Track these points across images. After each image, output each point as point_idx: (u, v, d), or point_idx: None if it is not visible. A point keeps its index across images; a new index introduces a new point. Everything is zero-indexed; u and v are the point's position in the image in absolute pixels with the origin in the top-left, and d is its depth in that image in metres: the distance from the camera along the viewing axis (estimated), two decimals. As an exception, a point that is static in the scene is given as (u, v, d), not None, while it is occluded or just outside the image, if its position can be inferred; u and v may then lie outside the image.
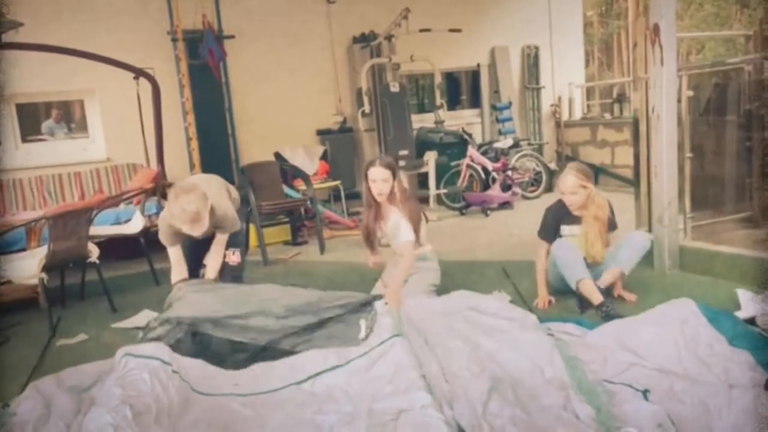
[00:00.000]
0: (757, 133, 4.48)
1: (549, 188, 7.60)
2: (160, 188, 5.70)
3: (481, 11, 8.16)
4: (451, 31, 6.98)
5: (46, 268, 3.79)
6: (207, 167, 6.80)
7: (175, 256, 3.45)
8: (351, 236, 6.03)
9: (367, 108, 6.86)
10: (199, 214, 3.15)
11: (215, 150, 6.84)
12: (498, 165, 7.32)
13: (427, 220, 3.93)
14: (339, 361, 2.81)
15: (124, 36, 6.39)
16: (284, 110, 7.21)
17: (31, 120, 6.62)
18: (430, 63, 7.08)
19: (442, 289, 3.70)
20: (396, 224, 3.65)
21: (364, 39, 7.32)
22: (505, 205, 7.05)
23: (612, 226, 3.59)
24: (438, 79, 7.19)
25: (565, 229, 3.60)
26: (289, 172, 6.52)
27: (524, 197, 7.51)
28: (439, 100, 7.31)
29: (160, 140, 6.05)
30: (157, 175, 5.75)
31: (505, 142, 7.51)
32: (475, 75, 8.52)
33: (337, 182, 6.81)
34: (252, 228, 5.54)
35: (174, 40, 6.43)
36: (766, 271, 3.42)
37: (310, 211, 6.19)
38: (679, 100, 3.88)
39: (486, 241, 5.45)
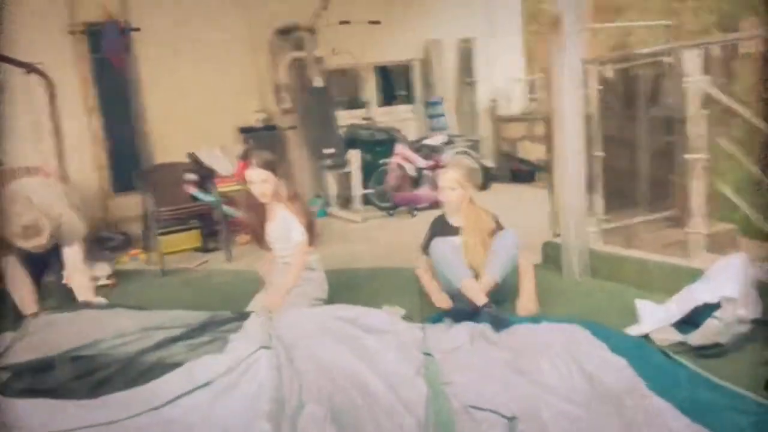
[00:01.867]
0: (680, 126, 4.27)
1: (484, 186, 7.35)
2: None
3: (417, 3, 7.84)
4: (371, 23, 6.66)
5: None
6: (117, 168, 6.39)
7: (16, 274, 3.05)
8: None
9: (287, 104, 6.48)
10: (36, 225, 2.76)
11: (125, 150, 6.39)
12: (430, 163, 7.03)
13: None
14: (204, 379, 2.49)
15: (21, 31, 5.87)
16: (203, 107, 6.75)
17: None
18: (353, 56, 6.74)
19: (339, 300, 3.39)
20: (285, 224, 3.34)
21: (287, 31, 6.94)
22: (436, 204, 6.76)
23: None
24: (364, 74, 6.86)
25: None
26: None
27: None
28: (367, 96, 6.97)
29: (58, 140, 5.63)
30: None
31: (436, 139, 7.22)
32: (409, 70, 8.21)
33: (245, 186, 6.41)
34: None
35: (72, 32, 5.96)
36: (671, 277, 3.18)
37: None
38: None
39: (405, 245, 5.14)
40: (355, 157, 6.51)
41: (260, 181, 3.30)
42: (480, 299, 3.02)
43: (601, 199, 3.74)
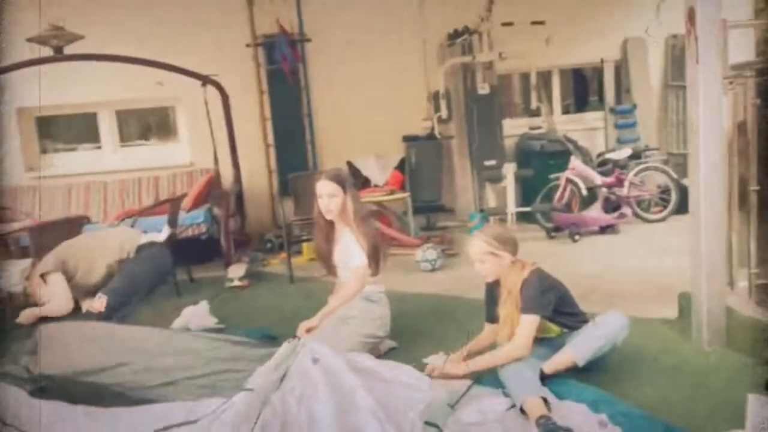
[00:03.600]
0: None
1: (681, 209, 6.17)
2: (213, 195, 5.71)
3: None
4: (534, 23, 5.97)
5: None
6: (284, 174, 6.69)
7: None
8: (408, 256, 5.43)
9: (444, 113, 6.17)
10: None
11: (293, 157, 6.69)
12: (610, 179, 6.13)
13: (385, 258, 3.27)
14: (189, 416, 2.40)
15: (201, 43, 6.42)
16: (369, 115, 6.78)
17: (130, 125, 7.07)
18: (525, 59, 6.14)
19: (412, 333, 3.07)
20: (347, 247, 3.09)
21: (456, 36, 6.60)
22: (607, 228, 5.87)
23: (527, 307, 2.60)
24: (533, 79, 6.22)
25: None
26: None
27: (643, 219, 6.20)
28: (535, 103, 6.33)
29: (232, 146, 6.06)
30: (208, 181, 5.73)
31: (619, 153, 6.27)
32: (600, 73, 7.26)
33: (405, 194, 6.21)
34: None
35: (248, 45, 6.39)
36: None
37: (385, 222, 5.78)
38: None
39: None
40: (509, 170, 5.94)
41: (328, 195, 3.10)
42: (538, 412, 2.30)
43: (754, 244, 2.79)
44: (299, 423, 2.16)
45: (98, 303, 3.52)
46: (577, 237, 5.62)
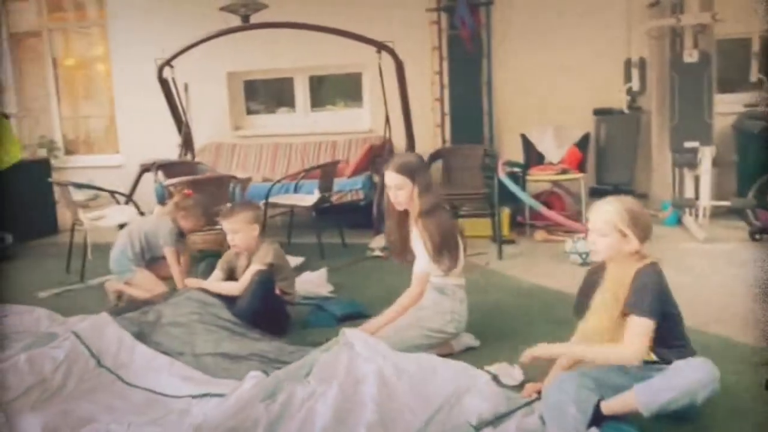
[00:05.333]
0: None
1: None
2: (377, 163, 5.72)
3: None
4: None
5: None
6: (457, 142, 6.44)
7: None
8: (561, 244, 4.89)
9: (635, 85, 5.33)
10: None
11: (469, 127, 6.40)
12: None
13: (465, 249, 2.93)
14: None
15: (380, 8, 6.37)
16: (555, 86, 6.18)
17: (320, 91, 7.38)
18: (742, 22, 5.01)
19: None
20: (415, 243, 2.85)
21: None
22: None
23: (640, 307, 2.03)
24: (755, 47, 5.04)
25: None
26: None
27: None
28: (756, 75, 5.14)
29: (406, 114, 6.01)
30: (369, 149, 5.76)
31: None
32: None
33: (579, 175, 5.55)
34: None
35: (428, 10, 6.19)
36: None
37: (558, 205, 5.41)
38: None
39: (707, 296, 3.61)
40: (706, 154, 4.94)
41: (394, 186, 2.85)
42: None
43: None
44: (292, 419, 2.05)
45: None
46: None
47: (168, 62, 6.08)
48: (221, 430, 1.95)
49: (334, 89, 7.42)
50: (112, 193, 5.04)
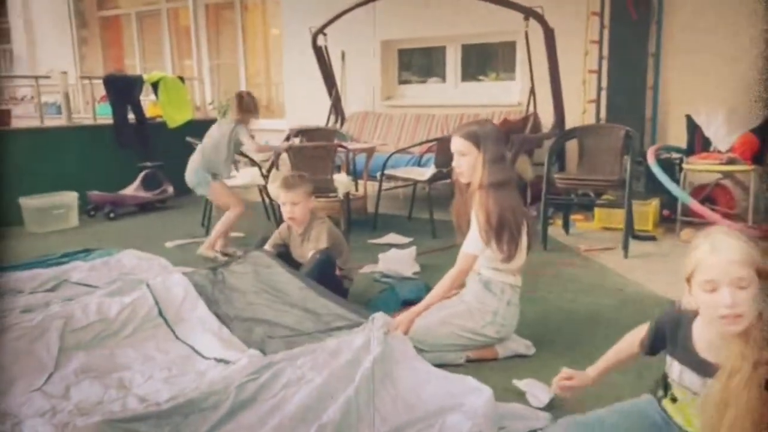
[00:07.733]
0: None
1: None
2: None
3: None
4: None
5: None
6: (614, 121, 5.75)
7: None
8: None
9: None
10: None
11: (628, 104, 5.64)
12: None
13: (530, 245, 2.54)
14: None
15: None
16: (734, 60, 5.15)
17: (471, 62, 7.01)
18: None
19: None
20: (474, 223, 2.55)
21: None
22: None
23: None
24: None
25: (674, 368, 1.62)
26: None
27: None
28: None
29: (555, 87, 5.52)
30: (503, 123, 5.35)
31: None
32: None
33: (749, 167, 4.58)
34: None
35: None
36: None
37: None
38: None
39: None
40: None
41: (458, 152, 2.54)
42: None
43: None
44: (264, 402, 1.95)
45: None
46: None
47: (321, 30, 6.23)
48: (182, 400, 1.92)
49: (486, 60, 7.02)
50: (242, 155, 5.29)
